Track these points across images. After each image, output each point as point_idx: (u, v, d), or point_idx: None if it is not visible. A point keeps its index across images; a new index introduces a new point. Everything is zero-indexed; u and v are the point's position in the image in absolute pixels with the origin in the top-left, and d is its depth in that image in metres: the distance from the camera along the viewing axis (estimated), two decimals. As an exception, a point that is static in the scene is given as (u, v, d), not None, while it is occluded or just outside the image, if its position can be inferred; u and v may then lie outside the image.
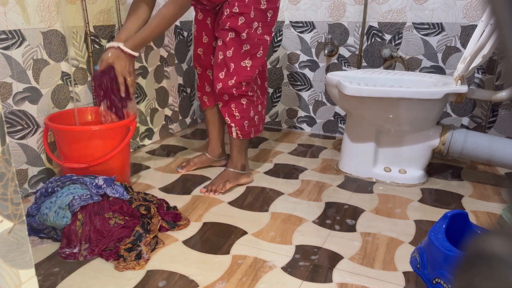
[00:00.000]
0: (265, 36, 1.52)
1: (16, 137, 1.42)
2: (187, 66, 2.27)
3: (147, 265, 1.10)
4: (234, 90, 1.51)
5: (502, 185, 1.63)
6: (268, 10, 1.49)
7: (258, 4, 1.46)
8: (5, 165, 0.49)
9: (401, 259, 1.14)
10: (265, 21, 1.50)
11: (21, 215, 0.51)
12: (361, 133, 1.65)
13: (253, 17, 1.47)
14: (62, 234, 1.18)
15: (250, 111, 1.58)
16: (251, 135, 1.62)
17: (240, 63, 1.50)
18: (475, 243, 0.24)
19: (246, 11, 1.45)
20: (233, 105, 1.55)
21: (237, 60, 1.50)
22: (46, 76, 1.49)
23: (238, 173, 1.62)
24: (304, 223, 1.33)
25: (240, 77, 1.51)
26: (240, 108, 1.56)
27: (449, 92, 1.46)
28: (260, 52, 1.53)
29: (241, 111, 1.56)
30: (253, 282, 1.03)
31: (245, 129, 1.59)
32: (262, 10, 1.48)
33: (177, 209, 1.38)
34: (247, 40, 1.48)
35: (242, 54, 1.50)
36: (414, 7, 1.92)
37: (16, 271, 0.52)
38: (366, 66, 2.08)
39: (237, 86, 1.51)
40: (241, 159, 1.63)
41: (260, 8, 1.47)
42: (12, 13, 1.34)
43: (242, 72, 1.51)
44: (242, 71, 1.51)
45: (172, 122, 2.23)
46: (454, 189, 1.60)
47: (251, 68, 1.52)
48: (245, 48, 1.49)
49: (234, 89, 1.51)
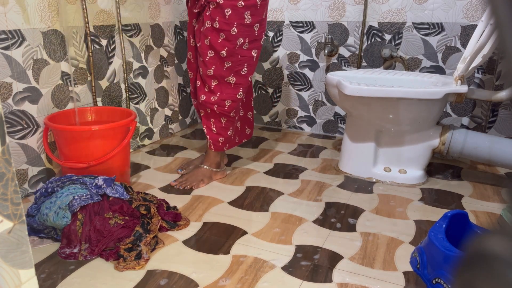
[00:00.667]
0: (252, 51, 1.47)
1: (16, 137, 1.42)
2: (187, 66, 2.27)
3: (147, 265, 1.10)
4: (216, 107, 1.52)
5: (502, 185, 1.63)
6: (253, 24, 1.43)
7: (242, 20, 1.40)
8: (5, 165, 0.49)
9: (401, 259, 1.14)
10: (252, 35, 1.45)
11: (21, 215, 0.51)
12: (361, 133, 1.65)
13: (236, 33, 1.42)
14: (62, 234, 1.18)
15: (228, 130, 1.59)
16: (224, 149, 1.65)
17: (224, 79, 1.49)
18: (475, 243, 0.24)
19: (226, 28, 1.41)
20: (212, 120, 1.57)
21: (220, 78, 1.48)
22: (46, 76, 1.49)
23: (213, 171, 1.64)
24: (304, 223, 1.33)
25: (223, 95, 1.50)
26: (218, 126, 1.58)
27: (449, 92, 1.46)
28: (245, 69, 1.49)
29: (219, 129, 1.58)
30: (253, 282, 1.03)
31: (219, 144, 1.61)
32: (247, 25, 1.42)
33: (177, 209, 1.38)
34: (227, 57, 1.45)
35: (225, 71, 1.48)
36: (414, 7, 1.92)
37: (16, 271, 0.52)
38: (366, 66, 2.08)
39: (219, 103, 1.51)
40: (216, 157, 1.65)
41: (245, 23, 1.41)
42: (12, 13, 1.34)
43: (225, 89, 1.49)
44: (225, 88, 1.49)
45: (172, 122, 2.23)
46: (454, 189, 1.59)
47: (235, 86, 1.50)
48: (227, 65, 1.46)
49: (215, 106, 1.52)
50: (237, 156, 1.92)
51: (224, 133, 1.60)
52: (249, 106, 1.75)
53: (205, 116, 1.59)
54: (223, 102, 1.51)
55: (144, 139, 2.05)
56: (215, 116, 1.56)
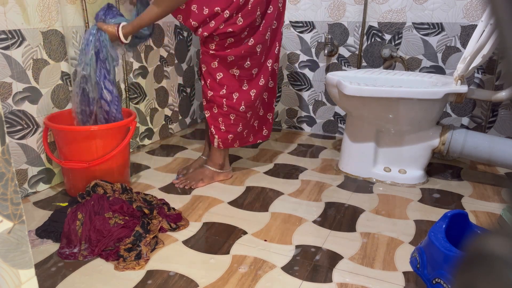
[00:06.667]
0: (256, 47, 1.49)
1: (16, 137, 1.42)
2: (187, 66, 2.27)
3: (147, 265, 1.10)
4: (225, 100, 1.53)
5: (502, 185, 1.63)
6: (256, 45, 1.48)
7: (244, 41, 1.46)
8: (5, 165, 0.49)
9: (401, 259, 1.14)
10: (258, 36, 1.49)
11: (20, 215, 0.51)
12: (361, 133, 1.65)
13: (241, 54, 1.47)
14: (62, 234, 1.18)
15: (238, 126, 1.59)
16: (234, 145, 1.63)
17: (228, 71, 1.50)
18: (475, 243, 0.24)
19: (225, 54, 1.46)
20: (221, 119, 1.57)
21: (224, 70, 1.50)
22: (46, 76, 1.49)
23: (215, 172, 1.63)
24: (304, 223, 1.33)
25: (230, 88, 1.52)
26: (227, 123, 1.57)
27: (449, 92, 1.46)
28: (248, 63, 1.51)
29: (228, 126, 1.58)
30: (253, 282, 1.03)
31: (228, 141, 1.61)
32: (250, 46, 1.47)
33: (177, 210, 1.38)
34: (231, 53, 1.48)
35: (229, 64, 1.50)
36: (414, 7, 1.92)
37: (16, 271, 0.52)
38: (366, 66, 2.08)
39: (227, 96, 1.52)
40: (220, 158, 1.64)
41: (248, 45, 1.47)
42: (12, 13, 1.34)
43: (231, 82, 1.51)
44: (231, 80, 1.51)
45: (172, 122, 2.23)
46: (454, 189, 1.59)
47: (239, 78, 1.52)
48: (230, 59, 1.49)
49: (224, 100, 1.53)
50: (237, 156, 1.92)
51: (234, 130, 1.59)
52: (271, 107, 1.73)
53: (211, 117, 1.58)
54: (231, 95, 1.53)
55: (144, 139, 2.05)
56: (223, 114, 1.56)
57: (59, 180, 1.60)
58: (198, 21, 1.40)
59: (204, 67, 1.52)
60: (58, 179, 1.60)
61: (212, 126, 1.58)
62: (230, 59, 1.47)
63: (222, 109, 1.55)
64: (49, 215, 1.32)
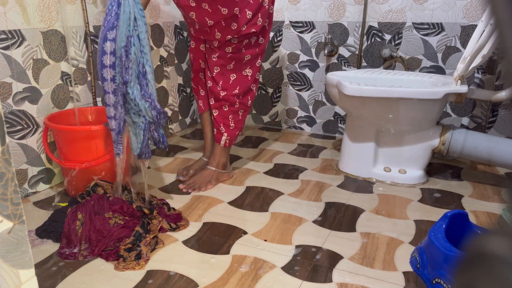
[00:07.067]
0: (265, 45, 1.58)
1: (16, 137, 1.42)
2: (186, 66, 2.27)
3: (147, 265, 1.10)
4: (237, 98, 1.58)
5: (502, 185, 1.63)
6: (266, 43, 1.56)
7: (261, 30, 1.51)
8: (5, 165, 0.49)
9: (401, 259, 1.14)
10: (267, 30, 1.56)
11: (21, 215, 0.51)
12: (361, 133, 1.65)
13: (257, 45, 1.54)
14: (62, 234, 1.18)
15: (244, 121, 1.66)
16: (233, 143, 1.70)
17: (242, 72, 1.56)
18: (475, 243, 0.24)
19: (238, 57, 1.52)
20: (231, 117, 1.59)
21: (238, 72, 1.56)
22: (46, 76, 1.49)
23: (219, 172, 1.63)
24: (304, 223, 1.33)
25: (242, 87, 1.58)
26: (236, 119, 1.62)
27: (449, 92, 1.46)
28: (259, 61, 1.59)
29: (237, 122, 1.63)
30: (253, 282, 1.03)
31: (235, 138, 1.66)
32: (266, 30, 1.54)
33: (177, 210, 1.38)
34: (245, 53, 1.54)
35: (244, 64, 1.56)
36: (414, 7, 1.92)
37: (16, 271, 0.52)
38: (366, 66, 2.08)
39: (239, 95, 1.58)
40: (223, 158, 1.65)
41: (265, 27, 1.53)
42: (12, 13, 1.34)
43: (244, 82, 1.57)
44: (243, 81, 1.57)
45: (172, 122, 2.23)
46: (454, 189, 1.59)
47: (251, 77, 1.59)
48: (247, 59, 1.54)
49: (237, 98, 1.58)
50: (237, 156, 1.92)
51: (241, 126, 1.66)
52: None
53: (220, 115, 1.60)
54: (242, 93, 1.59)
55: (144, 139, 2.05)
56: (233, 111, 1.60)
57: (59, 180, 1.60)
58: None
59: (217, 69, 1.54)
60: (58, 179, 1.60)
61: (222, 124, 1.61)
62: (247, 58, 1.53)
63: (233, 107, 1.59)
64: (49, 215, 1.32)
